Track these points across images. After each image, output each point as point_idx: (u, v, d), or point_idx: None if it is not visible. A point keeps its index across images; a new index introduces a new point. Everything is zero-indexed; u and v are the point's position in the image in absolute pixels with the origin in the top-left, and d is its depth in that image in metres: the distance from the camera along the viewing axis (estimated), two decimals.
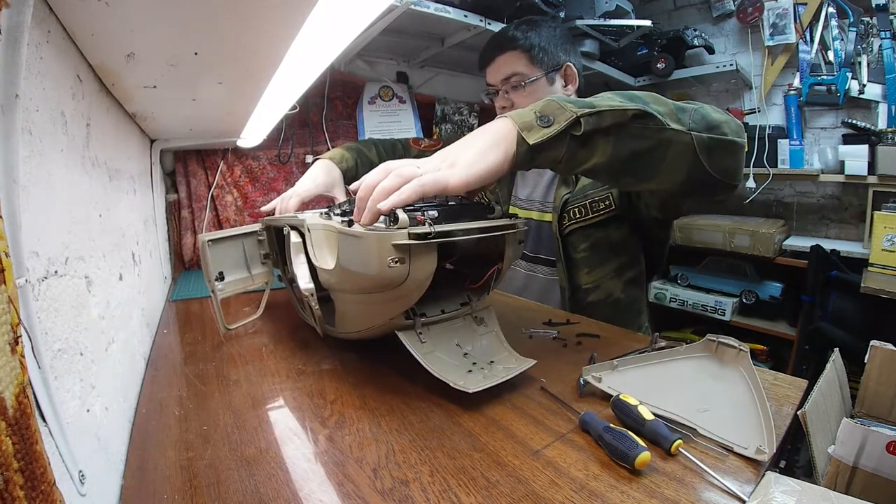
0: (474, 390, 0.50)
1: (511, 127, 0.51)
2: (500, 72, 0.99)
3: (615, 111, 0.52)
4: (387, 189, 0.47)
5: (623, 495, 0.38)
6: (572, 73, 0.97)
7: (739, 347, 0.54)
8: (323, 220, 0.62)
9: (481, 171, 0.49)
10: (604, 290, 0.96)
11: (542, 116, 0.52)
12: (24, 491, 0.23)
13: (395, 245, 0.47)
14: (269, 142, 1.53)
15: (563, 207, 0.95)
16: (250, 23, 0.47)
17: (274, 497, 0.40)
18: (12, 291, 0.25)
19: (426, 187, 0.46)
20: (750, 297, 2.01)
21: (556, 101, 0.53)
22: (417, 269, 0.49)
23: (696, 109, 0.58)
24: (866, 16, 1.79)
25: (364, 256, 0.49)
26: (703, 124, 0.57)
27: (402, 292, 0.51)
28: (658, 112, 0.54)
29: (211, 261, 0.76)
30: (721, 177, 0.60)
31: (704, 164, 0.58)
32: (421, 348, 0.56)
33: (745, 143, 0.60)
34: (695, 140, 0.56)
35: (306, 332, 0.78)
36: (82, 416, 0.38)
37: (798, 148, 1.95)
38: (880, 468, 0.69)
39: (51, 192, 0.39)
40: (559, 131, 0.51)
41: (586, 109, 0.51)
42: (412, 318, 0.57)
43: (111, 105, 0.71)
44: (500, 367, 0.56)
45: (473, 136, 0.52)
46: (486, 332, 0.62)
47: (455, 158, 0.50)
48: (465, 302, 0.62)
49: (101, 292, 0.51)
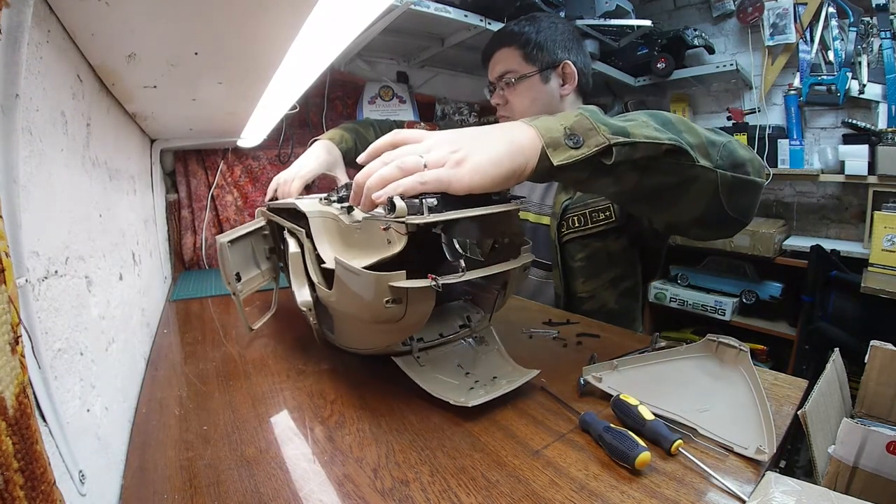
0: (474, 403, 0.49)
1: (536, 140, 0.47)
2: (495, 68, 0.98)
3: (650, 144, 0.48)
4: (385, 178, 0.44)
5: (623, 495, 0.38)
6: (571, 71, 0.95)
7: (739, 347, 0.54)
8: (322, 206, 0.61)
9: (491, 180, 0.45)
10: (598, 300, 0.96)
11: (571, 135, 0.47)
12: (24, 491, 0.23)
13: (391, 287, 0.45)
14: (270, 142, 1.53)
15: (563, 214, 0.94)
16: (250, 23, 0.47)
17: (274, 497, 0.40)
18: (12, 291, 0.25)
19: (427, 185, 0.44)
20: (750, 297, 2.01)
21: (589, 119, 0.48)
22: (415, 308, 0.47)
23: (725, 145, 0.55)
24: (866, 16, 1.79)
25: (360, 291, 0.48)
26: (730, 162, 0.54)
27: (399, 327, 0.50)
28: (690, 146, 0.51)
29: (230, 262, 0.75)
30: (736, 215, 0.58)
31: (723, 203, 0.56)
32: (420, 372, 0.55)
33: (765, 183, 0.58)
34: (719, 178, 0.53)
35: (306, 332, 0.78)
36: (82, 416, 0.38)
37: (798, 148, 1.95)
38: (880, 468, 0.69)
39: (51, 191, 0.39)
40: (587, 156, 0.47)
41: (620, 138, 0.47)
42: (409, 344, 0.56)
43: (111, 105, 0.71)
44: (504, 382, 0.54)
45: (492, 137, 0.47)
46: (488, 351, 0.60)
47: (465, 156, 0.45)
48: (464, 324, 0.61)
49: (102, 292, 0.51)
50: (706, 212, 0.57)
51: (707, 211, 0.57)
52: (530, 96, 0.95)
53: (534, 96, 0.95)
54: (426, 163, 0.45)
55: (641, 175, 0.51)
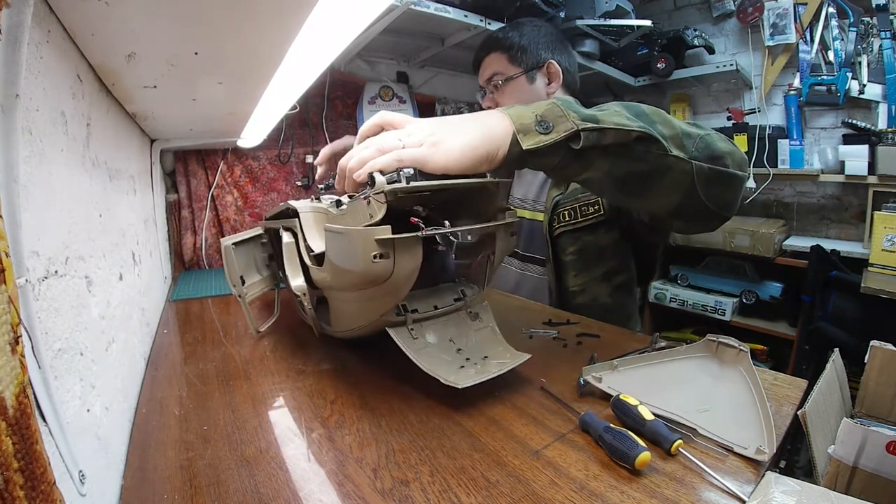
0: (464, 386, 0.49)
1: (507, 125, 0.50)
2: (484, 73, 1.02)
3: (619, 130, 0.49)
4: (364, 159, 0.48)
5: (623, 495, 0.38)
6: (556, 70, 0.97)
7: (739, 347, 0.54)
8: (312, 203, 0.65)
9: (464, 163, 0.48)
10: (590, 294, 0.97)
11: (541, 121, 0.49)
12: (24, 491, 0.23)
13: (377, 240, 0.46)
14: (270, 142, 1.53)
15: (554, 209, 0.96)
16: (250, 23, 0.47)
17: (274, 497, 0.40)
18: (12, 291, 0.25)
19: (404, 162, 0.47)
20: (750, 297, 2.01)
21: (560, 107, 0.50)
22: (402, 263, 0.48)
23: (702, 137, 0.56)
24: (866, 16, 1.79)
25: (349, 252, 0.49)
26: (707, 154, 0.55)
27: (390, 288, 0.51)
28: (662, 136, 0.52)
29: (236, 264, 0.76)
30: (715, 208, 0.59)
31: (700, 194, 0.56)
32: (413, 344, 0.56)
33: (747, 176, 0.58)
34: (694, 169, 0.54)
35: (306, 332, 0.78)
36: (82, 416, 0.38)
37: (798, 148, 1.95)
38: (880, 468, 0.69)
39: (51, 191, 0.39)
40: (556, 141, 0.48)
41: (589, 124, 0.49)
42: (403, 315, 0.57)
43: (111, 105, 0.71)
44: (494, 363, 0.55)
45: (468, 122, 0.50)
46: (482, 328, 0.61)
47: (441, 138, 0.48)
48: (458, 297, 0.62)
49: (102, 292, 0.51)
50: (683, 203, 0.58)
51: (684, 202, 0.58)
52: (518, 96, 0.98)
53: (521, 97, 0.98)
54: (404, 144, 0.48)
55: (612, 162, 0.52)
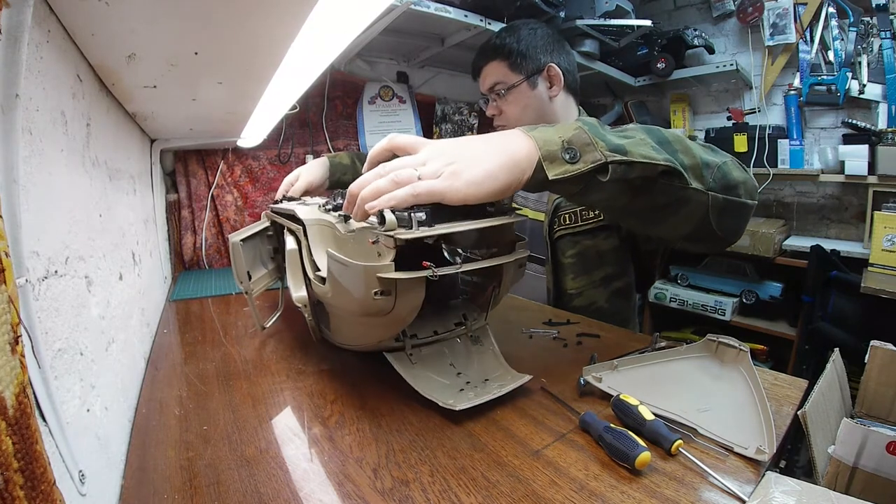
0: (461, 408, 0.49)
1: (532, 151, 0.47)
2: (485, 82, 1.01)
3: (646, 165, 0.48)
4: (379, 190, 0.45)
5: (623, 495, 0.38)
6: (556, 73, 0.96)
7: (739, 347, 0.54)
8: (319, 213, 0.62)
9: (486, 192, 0.45)
10: (587, 298, 0.97)
11: (568, 148, 0.47)
12: (24, 491, 0.23)
13: (380, 278, 0.45)
14: (270, 142, 1.53)
15: (555, 212, 0.96)
16: (250, 23, 0.47)
17: (274, 497, 0.40)
18: (12, 291, 0.25)
19: (420, 197, 0.43)
20: (750, 297, 2.01)
21: (587, 132, 0.48)
22: (404, 300, 0.47)
23: (720, 167, 0.55)
24: (866, 16, 1.79)
25: (350, 283, 0.48)
26: (722, 184, 0.54)
27: (390, 321, 0.50)
28: (684, 167, 0.51)
29: (244, 260, 0.75)
30: (724, 235, 0.59)
31: (712, 223, 0.56)
32: (411, 370, 0.55)
33: (756, 204, 0.58)
34: (710, 200, 0.54)
35: (307, 332, 0.78)
36: (82, 416, 0.38)
37: (798, 148, 1.95)
38: (880, 468, 0.69)
39: (51, 191, 0.39)
40: (583, 172, 0.46)
41: (618, 156, 0.47)
42: (402, 340, 0.56)
43: (111, 105, 0.71)
44: (495, 385, 0.54)
45: (488, 147, 0.47)
46: (482, 351, 0.60)
47: (461, 168, 0.45)
48: (459, 322, 0.60)
49: (102, 292, 0.51)
50: (694, 230, 0.58)
51: (695, 230, 0.58)
52: (521, 104, 0.97)
53: (525, 103, 0.97)
54: (420, 175, 0.45)
55: (634, 194, 0.51)
